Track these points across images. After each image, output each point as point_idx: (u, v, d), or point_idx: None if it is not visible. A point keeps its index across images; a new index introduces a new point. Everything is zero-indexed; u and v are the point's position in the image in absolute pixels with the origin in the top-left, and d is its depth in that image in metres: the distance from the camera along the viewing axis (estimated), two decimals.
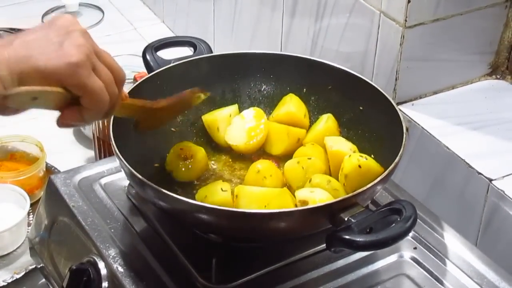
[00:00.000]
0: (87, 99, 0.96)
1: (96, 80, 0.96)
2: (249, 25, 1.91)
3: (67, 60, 0.93)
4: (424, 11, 1.42)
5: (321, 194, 1.18)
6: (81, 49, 0.95)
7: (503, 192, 1.31)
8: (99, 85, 0.96)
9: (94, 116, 0.99)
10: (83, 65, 0.95)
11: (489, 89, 1.55)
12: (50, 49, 0.94)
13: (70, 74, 0.93)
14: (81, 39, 0.97)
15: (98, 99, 0.97)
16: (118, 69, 1.02)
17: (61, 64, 0.93)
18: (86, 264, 1.22)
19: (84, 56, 0.95)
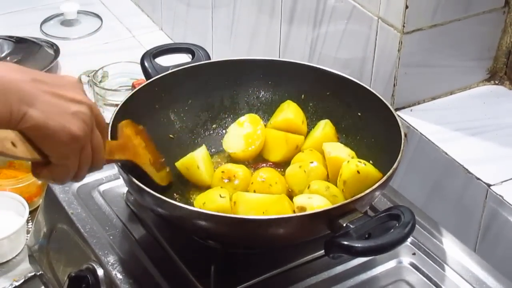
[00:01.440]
0: (56, 169, 0.98)
1: (76, 159, 0.99)
2: (247, 32, 1.91)
3: (70, 129, 0.96)
4: (422, 17, 1.42)
5: (319, 201, 1.18)
6: (84, 127, 0.98)
7: (501, 197, 1.31)
8: (74, 165, 0.99)
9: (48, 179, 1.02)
10: (79, 141, 0.97)
11: (488, 95, 1.55)
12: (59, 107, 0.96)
13: (65, 142, 0.96)
14: (87, 117, 0.99)
15: (64, 174, 0.99)
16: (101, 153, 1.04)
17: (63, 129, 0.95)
18: (85, 271, 1.22)
19: (83, 134, 0.98)
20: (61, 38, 2.29)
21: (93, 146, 1.01)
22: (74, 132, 0.96)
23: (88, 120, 0.99)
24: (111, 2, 2.50)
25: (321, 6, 1.60)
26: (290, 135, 1.35)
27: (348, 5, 1.52)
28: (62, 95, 0.97)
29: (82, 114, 0.98)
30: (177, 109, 1.38)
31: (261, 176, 1.27)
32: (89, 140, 1.00)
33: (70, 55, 2.19)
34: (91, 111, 1.00)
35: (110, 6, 2.48)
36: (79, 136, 0.97)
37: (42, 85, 0.97)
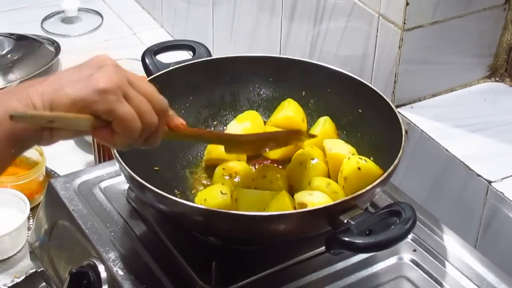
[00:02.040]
0: (116, 124, 0.97)
1: (125, 106, 0.97)
2: (248, 29, 1.91)
3: (95, 87, 0.95)
4: (423, 14, 1.42)
5: (320, 197, 1.18)
6: (110, 79, 0.97)
7: (502, 194, 1.31)
8: (129, 111, 0.97)
9: (125, 142, 1.00)
10: (111, 92, 0.96)
11: (488, 92, 1.55)
12: (80, 80, 0.96)
13: (97, 100, 0.95)
14: (112, 72, 0.98)
15: (128, 125, 0.98)
16: (157, 98, 1.02)
17: (89, 91, 0.95)
18: (86, 268, 1.22)
19: (113, 84, 0.96)
20: (62, 35, 2.29)
21: (140, 90, 1.00)
22: (100, 87, 0.95)
23: (112, 73, 0.97)
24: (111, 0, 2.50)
25: (321, 3, 1.60)
26: None
27: (349, 2, 1.52)
28: (82, 70, 0.98)
29: (105, 73, 0.97)
30: (178, 106, 1.38)
31: (262, 173, 1.27)
32: (124, 87, 0.98)
33: (71, 53, 2.19)
34: (116, 67, 0.99)
35: (110, 4, 2.48)
36: (107, 88, 0.95)
37: (60, 75, 0.98)
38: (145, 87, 1.01)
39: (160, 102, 1.03)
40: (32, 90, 0.95)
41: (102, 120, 0.97)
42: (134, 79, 1.00)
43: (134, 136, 0.99)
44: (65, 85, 0.96)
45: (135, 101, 0.98)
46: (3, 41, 2.12)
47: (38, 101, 0.94)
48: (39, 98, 0.94)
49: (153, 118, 1.01)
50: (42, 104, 0.94)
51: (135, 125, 0.98)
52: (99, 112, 0.96)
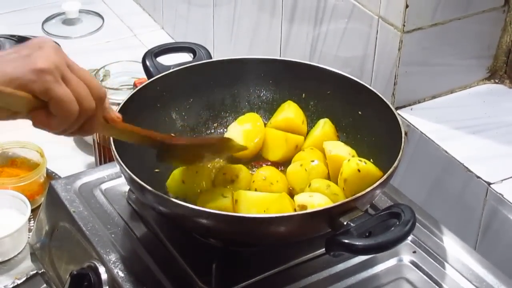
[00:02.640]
0: (53, 105, 0.97)
1: (63, 88, 0.97)
2: (248, 31, 1.92)
3: (32, 66, 0.96)
4: (422, 16, 1.42)
5: (320, 199, 1.18)
6: (49, 59, 0.97)
7: (501, 195, 1.31)
8: (66, 93, 0.98)
9: (61, 125, 1.00)
10: (49, 72, 0.96)
11: (488, 94, 1.55)
12: (18, 59, 0.97)
13: (34, 80, 0.95)
14: (51, 53, 0.98)
15: (65, 107, 0.98)
16: (96, 85, 1.03)
17: (26, 70, 0.95)
18: (87, 269, 1.22)
19: (50, 64, 0.97)
20: (62, 37, 2.30)
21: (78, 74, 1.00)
22: (38, 67, 0.95)
23: (51, 55, 0.98)
24: (112, 1, 2.50)
25: (321, 5, 1.60)
26: (290, 134, 1.35)
27: (349, 4, 1.53)
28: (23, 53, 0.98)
29: (43, 53, 0.97)
30: (179, 108, 1.38)
31: (262, 175, 1.27)
32: (62, 68, 0.98)
33: (72, 54, 2.14)
34: (55, 49, 0.99)
35: (111, 5, 2.48)
36: (44, 68, 0.96)
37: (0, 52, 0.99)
38: (84, 73, 1.02)
39: (98, 89, 1.03)
40: None
41: (39, 101, 0.97)
42: (73, 64, 1.01)
43: (70, 120, 1.00)
44: (3, 63, 0.96)
45: (73, 84, 0.99)
46: (4, 42, 2.12)
47: None
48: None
49: (91, 103, 1.01)
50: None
51: (72, 108, 0.98)
52: (35, 92, 0.96)
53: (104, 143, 1.68)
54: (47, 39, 1.02)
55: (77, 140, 1.90)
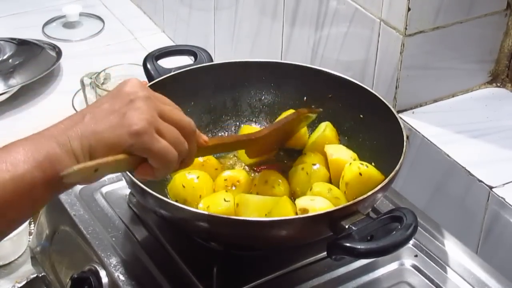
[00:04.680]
0: (154, 161, 0.99)
1: (160, 142, 0.98)
2: (249, 34, 1.91)
3: (129, 129, 0.96)
4: (424, 19, 1.42)
5: (321, 203, 1.18)
6: (142, 117, 0.97)
7: (503, 199, 1.31)
8: (164, 146, 0.98)
9: (165, 172, 1.02)
10: (145, 132, 0.97)
11: (490, 97, 1.55)
12: (114, 120, 0.97)
13: (133, 143, 0.96)
14: (143, 106, 0.98)
15: (164, 159, 0.99)
16: (185, 123, 1.03)
17: (124, 134, 0.96)
18: (88, 273, 1.22)
19: (145, 123, 0.97)
20: (63, 40, 2.29)
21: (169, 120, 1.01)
22: (133, 130, 0.96)
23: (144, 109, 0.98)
24: (113, 4, 2.50)
25: (323, 9, 1.60)
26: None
27: (350, 7, 1.52)
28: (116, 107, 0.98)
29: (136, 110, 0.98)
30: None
31: (263, 178, 1.27)
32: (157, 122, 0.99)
33: (72, 57, 2.19)
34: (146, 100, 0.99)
35: (112, 8, 2.48)
36: (139, 130, 0.96)
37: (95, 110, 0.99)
38: (174, 115, 1.02)
39: (189, 126, 1.04)
40: (71, 134, 0.95)
41: (139, 158, 0.98)
42: (164, 110, 1.01)
43: (172, 167, 1.01)
44: (101, 127, 0.96)
45: (167, 133, 0.99)
46: (4, 46, 2.12)
47: (77, 146, 0.95)
48: (78, 143, 0.95)
49: (185, 145, 1.02)
50: (81, 151, 0.95)
51: (171, 157, 0.99)
52: (136, 153, 0.97)
53: None
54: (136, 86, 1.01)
55: None
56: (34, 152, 0.93)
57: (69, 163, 0.94)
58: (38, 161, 0.92)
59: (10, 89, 1.98)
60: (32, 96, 2.04)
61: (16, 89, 2.00)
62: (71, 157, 0.94)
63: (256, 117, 1.42)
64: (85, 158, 0.95)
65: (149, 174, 1.00)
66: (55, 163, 0.93)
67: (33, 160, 0.92)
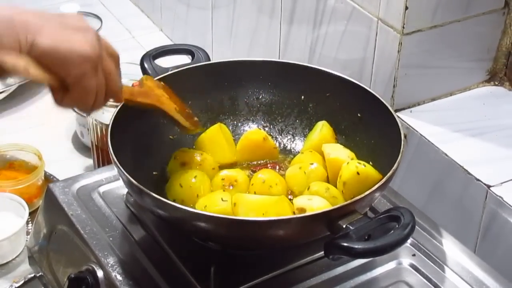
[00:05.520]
0: (75, 92, 1.01)
1: (92, 80, 1.01)
2: (247, 33, 1.91)
3: (80, 50, 0.98)
4: (422, 18, 1.42)
5: (319, 202, 1.18)
6: (95, 48, 1.00)
7: (501, 198, 1.31)
8: (91, 86, 1.02)
9: (71, 106, 1.06)
10: (91, 61, 0.99)
11: (487, 96, 1.55)
12: (66, 33, 0.99)
13: (76, 63, 0.98)
14: (95, 41, 1.02)
15: (84, 98, 1.02)
16: (116, 81, 1.07)
17: (73, 50, 0.98)
18: (85, 273, 1.21)
19: (94, 55, 1.00)
20: None
21: (106, 69, 1.04)
22: (84, 52, 0.98)
23: (95, 43, 1.01)
24: (111, 3, 2.49)
25: (320, 7, 1.60)
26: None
27: (348, 6, 1.52)
28: (67, 23, 1.01)
29: (89, 38, 1.01)
30: None
31: (261, 178, 1.27)
32: (100, 61, 1.02)
33: None
34: (97, 36, 1.03)
35: (110, 7, 2.48)
36: (89, 56, 0.99)
37: (47, 16, 1.00)
38: (111, 66, 1.06)
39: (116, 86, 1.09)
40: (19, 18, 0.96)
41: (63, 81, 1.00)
42: (107, 55, 1.06)
43: (81, 106, 1.05)
44: (52, 28, 0.98)
45: (99, 78, 1.03)
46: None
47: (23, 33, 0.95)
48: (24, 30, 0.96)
49: (102, 99, 1.06)
50: (25, 38, 0.96)
51: (89, 100, 1.03)
52: (68, 75, 0.99)
53: (102, 146, 1.68)
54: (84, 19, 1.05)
55: (75, 143, 1.89)
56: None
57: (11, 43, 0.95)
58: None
59: (7, 88, 1.97)
60: (29, 95, 2.04)
61: (14, 88, 1.99)
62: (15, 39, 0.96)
63: (254, 116, 1.42)
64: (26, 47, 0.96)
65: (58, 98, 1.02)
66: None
67: None
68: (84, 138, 1.85)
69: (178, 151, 1.31)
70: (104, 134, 1.64)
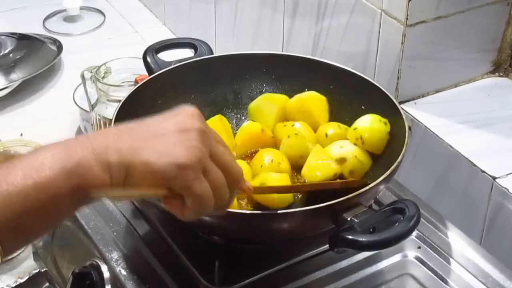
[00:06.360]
0: (190, 201, 0.92)
1: (203, 184, 0.92)
2: (250, 26, 1.91)
3: (176, 160, 0.89)
4: (426, 9, 1.41)
5: (351, 147, 1.26)
6: (193, 151, 0.91)
7: (507, 190, 1.30)
8: (205, 190, 0.92)
9: (195, 215, 0.95)
10: (192, 168, 0.90)
11: (492, 87, 1.54)
12: (162, 146, 0.91)
13: (176, 176, 0.90)
14: (196, 141, 0.92)
15: (201, 203, 0.93)
16: (233, 170, 0.97)
17: (170, 164, 0.89)
18: (89, 268, 1.21)
19: (195, 159, 0.90)
20: (64, 34, 2.29)
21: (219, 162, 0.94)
22: (181, 162, 0.90)
23: (196, 143, 0.92)
24: None
25: (323, 0, 1.59)
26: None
27: None
28: (166, 131, 0.92)
29: (189, 140, 0.92)
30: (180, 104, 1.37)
31: (268, 158, 1.26)
32: (206, 161, 0.92)
33: (73, 51, 2.18)
34: (199, 132, 0.93)
35: (113, 2, 2.48)
36: (188, 164, 0.90)
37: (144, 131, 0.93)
38: (224, 159, 0.96)
39: (236, 175, 0.98)
40: (110, 146, 0.89)
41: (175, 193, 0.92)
42: (216, 150, 0.95)
43: (204, 213, 0.96)
44: (145, 148, 0.90)
45: (212, 177, 0.93)
46: (5, 40, 2.11)
47: (115, 160, 0.88)
48: (117, 157, 0.88)
49: (226, 194, 0.96)
50: (118, 166, 0.88)
51: (209, 203, 0.93)
52: (175, 187, 0.91)
53: None
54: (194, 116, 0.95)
55: None
56: (64, 159, 0.87)
57: (101, 175, 0.87)
58: (66, 169, 0.86)
59: (11, 84, 1.97)
60: (33, 90, 2.03)
61: (17, 83, 1.99)
62: (104, 170, 0.88)
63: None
64: (120, 174, 0.88)
65: (178, 211, 0.94)
66: (85, 173, 0.87)
67: (61, 168, 0.86)
68: (87, 133, 1.85)
69: None
70: None
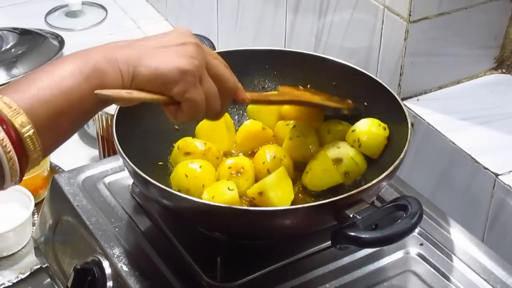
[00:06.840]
0: (185, 106, 1.02)
1: (198, 91, 1.02)
2: (252, 22, 1.90)
3: (178, 65, 1.00)
4: (429, 5, 1.41)
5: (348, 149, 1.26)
6: (192, 61, 1.01)
7: (509, 187, 1.30)
8: (199, 96, 1.02)
9: (187, 120, 1.05)
10: (191, 74, 1.01)
11: (495, 84, 1.54)
12: (165, 55, 1.01)
13: (177, 80, 1.00)
14: (195, 52, 1.03)
15: (195, 109, 1.03)
16: (227, 79, 1.08)
17: (171, 68, 1.00)
18: (91, 264, 1.21)
19: (193, 67, 1.01)
20: (65, 29, 2.29)
21: (214, 73, 1.05)
22: (181, 67, 0.99)
23: (193, 54, 1.02)
24: None
25: None
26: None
27: None
28: (165, 43, 1.03)
29: (187, 51, 1.02)
30: None
31: (270, 155, 1.27)
32: (202, 69, 1.03)
33: (75, 47, 2.13)
34: (196, 46, 1.03)
35: None
36: (187, 69, 1.00)
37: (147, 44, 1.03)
38: (219, 70, 1.07)
39: (230, 85, 1.09)
40: (119, 54, 0.99)
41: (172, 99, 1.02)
42: (211, 62, 1.05)
43: (197, 117, 1.05)
44: (150, 55, 1.00)
45: (206, 85, 1.04)
46: (7, 35, 2.11)
47: (124, 67, 0.99)
48: (125, 64, 0.99)
49: (217, 104, 1.06)
50: (127, 72, 0.99)
51: (201, 110, 1.04)
52: (173, 91, 1.00)
53: (108, 136, 1.67)
54: (188, 33, 1.06)
55: (80, 133, 1.89)
56: (81, 65, 0.97)
57: (114, 78, 0.98)
58: (85, 74, 0.97)
59: (13, 79, 1.97)
60: None
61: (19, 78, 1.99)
62: (117, 73, 0.98)
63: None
64: (129, 79, 0.99)
65: (173, 114, 1.04)
66: (101, 76, 0.97)
67: (80, 73, 0.96)
68: (89, 128, 1.84)
69: (180, 141, 1.31)
70: (110, 125, 1.63)
